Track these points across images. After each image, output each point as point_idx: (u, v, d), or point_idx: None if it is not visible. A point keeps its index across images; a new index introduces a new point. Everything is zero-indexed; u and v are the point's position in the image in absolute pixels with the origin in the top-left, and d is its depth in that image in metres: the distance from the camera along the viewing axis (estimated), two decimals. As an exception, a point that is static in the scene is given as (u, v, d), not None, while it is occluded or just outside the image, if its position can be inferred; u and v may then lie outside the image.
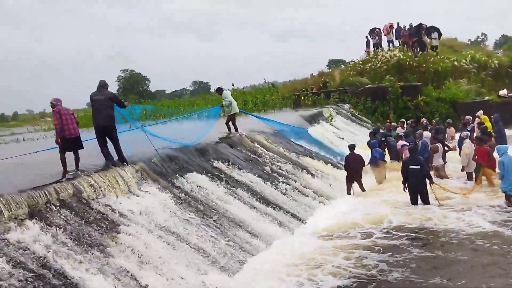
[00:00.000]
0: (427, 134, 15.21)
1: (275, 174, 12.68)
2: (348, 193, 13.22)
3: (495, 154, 11.47)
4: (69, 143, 8.48)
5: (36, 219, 6.56)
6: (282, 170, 13.25)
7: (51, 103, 8.52)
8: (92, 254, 6.55)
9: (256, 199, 10.73)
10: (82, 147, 8.72)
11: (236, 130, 14.54)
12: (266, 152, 14.20)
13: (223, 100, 14.34)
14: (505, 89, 26.88)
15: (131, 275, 6.58)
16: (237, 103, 23.14)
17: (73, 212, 7.16)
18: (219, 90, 14.91)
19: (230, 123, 14.51)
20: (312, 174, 14.02)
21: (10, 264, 5.55)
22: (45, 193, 7.08)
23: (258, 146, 14.44)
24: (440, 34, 29.18)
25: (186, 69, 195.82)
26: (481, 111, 17.96)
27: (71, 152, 8.59)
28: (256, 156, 13.47)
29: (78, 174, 8.21)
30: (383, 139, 16.45)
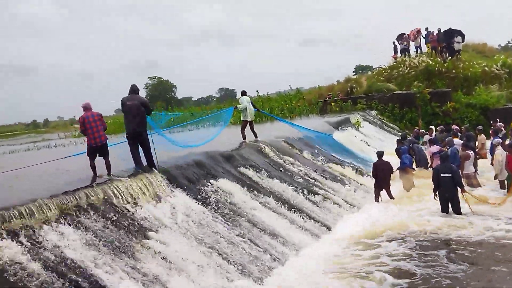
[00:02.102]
0: (457, 141, 14.91)
1: (301, 181, 12.61)
2: (376, 200, 13.03)
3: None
4: (95, 150, 8.57)
5: (67, 223, 6.69)
6: (309, 177, 13.18)
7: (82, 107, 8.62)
8: (122, 259, 6.63)
9: (283, 206, 10.69)
10: (107, 153, 8.74)
11: (256, 136, 14.50)
12: (292, 158, 14.15)
13: (239, 104, 14.40)
14: (537, 95, 26.20)
15: (160, 280, 6.63)
16: (263, 110, 23.30)
17: (103, 217, 7.26)
18: (243, 93, 15.00)
19: (246, 131, 14.39)
20: (339, 181, 13.89)
21: (42, 266, 5.68)
22: (75, 197, 7.22)
23: (285, 152, 14.40)
24: (463, 38, 28.61)
25: (212, 76, 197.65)
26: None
27: (102, 158, 8.69)
28: (282, 162, 13.43)
29: (109, 179, 8.33)
30: (410, 145, 16.22)
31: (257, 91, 33.42)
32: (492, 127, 18.05)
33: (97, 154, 8.64)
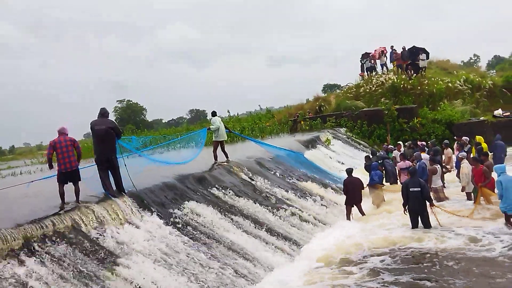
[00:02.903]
0: (425, 156, 15.23)
1: (273, 200, 12.61)
2: (348, 218, 13.11)
3: (494, 174, 11.47)
4: (66, 176, 8.41)
5: (32, 252, 6.51)
6: (281, 196, 13.19)
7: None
8: (90, 286, 6.47)
9: (256, 226, 10.65)
10: (79, 180, 8.61)
11: (227, 157, 14.48)
12: (264, 178, 14.16)
13: (211, 124, 14.38)
14: (499, 109, 27.04)
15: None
16: (234, 130, 23.32)
17: (71, 245, 7.09)
18: (213, 114, 14.93)
19: (218, 151, 14.35)
20: (311, 199, 13.95)
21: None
22: (41, 226, 7.04)
23: (256, 172, 14.40)
24: (427, 55, 29.50)
25: (181, 97, 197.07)
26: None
27: (72, 183, 8.51)
28: (254, 182, 13.42)
29: (77, 206, 8.16)
30: (379, 161, 16.46)
31: (228, 111, 33.58)
32: (457, 141, 18.51)
33: (67, 181, 8.46)
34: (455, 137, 19.92)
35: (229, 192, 11.77)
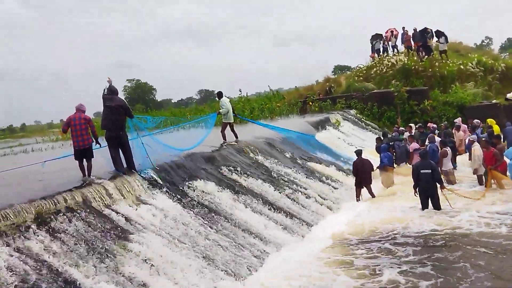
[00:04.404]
0: (437, 138, 15.13)
1: (283, 181, 12.63)
2: (358, 199, 13.13)
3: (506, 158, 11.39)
4: (79, 153, 8.53)
5: (44, 226, 6.58)
6: (290, 177, 13.20)
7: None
8: (103, 262, 6.54)
9: (265, 206, 10.69)
10: (91, 157, 8.69)
11: (236, 137, 14.41)
12: (274, 158, 14.16)
13: (220, 108, 14.23)
14: (512, 92, 26.71)
15: (142, 283, 6.55)
16: (243, 111, 23.24)
17: (82, 220, 7.15)
18: (219, 95, 14.67)
19: (227, 131, 14.24)
20: (320, 180, 13.95)
21: (18, 272, 5.56)
22: (53, 201, 7.09)
23: (266, 152, 14.40)
24: (447, 39, 29.03)
25: (190, 77, 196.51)
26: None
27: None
28: (263, 162, 13.42)
29: (88, 182, 8.23)
30: (390, 143, 16.39)
31: (240, 91, 33.34)
32: (469, 124, 18.36)
33: (81, 157, 8.59)
34: (468, 120, 19.70)
35: (239, 172, 11.78)
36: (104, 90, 9.07)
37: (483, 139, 13.37)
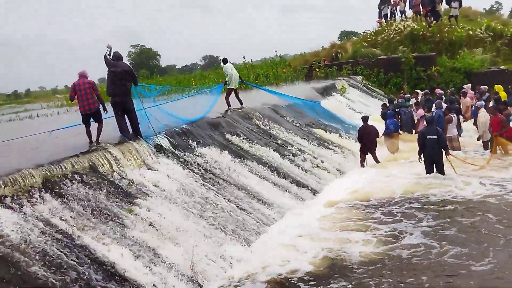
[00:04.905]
0: (444, 104, 15.01)
1: (288, 147, 12.65)
2: (362, 165, 13.17)
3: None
4: (87, 116, 8.61)
5: (51, 191, 6.67)
6: (296, 143, 13.21)
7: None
8: (110, 226, 6.65)
9: (271, 172, 10.75)
10: (101, 120, 8.78)
11: (241, 103, 14.36)
12: (279, 125, 14.15)
13: (225, 75, 14.14)
14: (521, 58, 26.31)
15: (150, 247, 6.67)
16: (248, 77, 23.06)
17: (89, 185, 7.23)
18: (224, 61, 14.65)
19: (232, 98, 14.19)
20: (325, 147, 13.97)
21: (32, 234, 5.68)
22: (60, 166, 7.17)
23: (271, 119, 14.38)
24: (461, 3, 28.33)
25: (195, 43, 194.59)
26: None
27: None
28: (269, 129, 13.43)
29: (95, 148, 8.30)
30: (396, 110, 16.31)
31: (243, 57, 32.95)
32: (476, 90, 18.19)
33: (91, 120, 8.70)
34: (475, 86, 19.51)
35: (244, 138, 11.80)
36: (106, 54, 9.03)
37: (490, 105, 13.29)
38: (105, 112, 8.89)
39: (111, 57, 9.04)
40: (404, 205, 9.43)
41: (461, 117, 15.24)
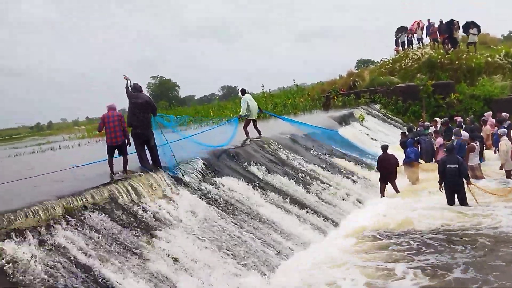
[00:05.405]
0: (464, 133, 14.82)
1: (307, 177, 12.60)
2: (382, 195, 13.01)
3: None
4: (112, 148, 8.82)
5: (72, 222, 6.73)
6: (315, 172, 13.16)
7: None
8: (129, 259, 6.66)
9: (290, 203, 10.69)
10: (126, 153, 8.93)
11: (259, 133, 14.38)
12: (298, 154, 14.13)
13: (241, 108, 14.18)
14: (541, 84, 25.99)
15: (168, 280, 6.64)
16: (266, 107, 23.16)
17: (109, 217, 7.28)
18: (243, 92, 14.70)
19: (250, 128, 14.23)
20: (346, 176, 13.86)
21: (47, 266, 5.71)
22: (81, 198, 7.25)
23: (290, 148, 14.38)
24: (479, 30, 28.28)
25: (212, 74, 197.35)
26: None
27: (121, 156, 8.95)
28: (287, 158, 13.41)
29: (117, 179, 8.38)
30: (416, 138, 16.18)
31: (262, 86, 33.06)
32: (496, 117, 17.97)
33: (116, 152, 8.90)
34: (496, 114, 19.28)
35: (263, 168, 11.80)
36: (127, 86, 9.19)
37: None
38: (129, 145, 9.02)
39: (131, 89, 9.21)
40: (427, 235, 9.25)
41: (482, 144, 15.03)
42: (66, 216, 6.77)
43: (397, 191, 13.06)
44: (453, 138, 14.39)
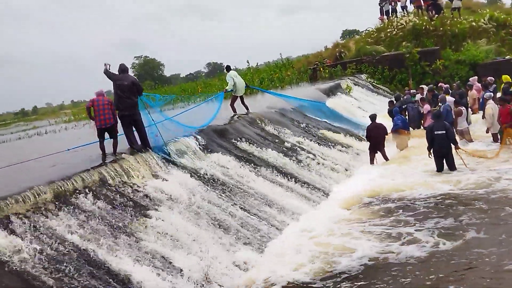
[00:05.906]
0: (449, 98, 14.90)
1: (297, 149, 12.63)
2: (372, 163, 13.13)
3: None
4: (103, 131, 8.79)
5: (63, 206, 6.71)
6: (304, 145, 13.19)
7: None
8: (123, 238, 6.67)
9: (280, 175, 10.74)
10: (116, 135, 8.91)
11: (247, 109, 14.36)
12: (286, 128, 14.13)
13: (226, 82, 14.15)
14: (526, 47, 26.08)
15: (163, 257, 6.68)
16: (253, 82, 23.03)
17: (101, 198, 7.27)
18: (227, 69, 14.82)
19: (237, 104, 14.21)
20: (334, 147, 13.93)
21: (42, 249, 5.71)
22: (71, 181, 7.22)
23: (278, 122, 14.37)
24: None
25: (198, 51, 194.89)
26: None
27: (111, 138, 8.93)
28: (276, 132, 13.42)
29: (107, 161, 8.35)
30: (403, 106, 16.25)
31: (247, 61, 32.96)
32: (482, 82, 18.05)
33: (106, 135, 8.89)
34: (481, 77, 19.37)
35: (252, 143, 11.80)
36: (107, 69, 9.04)
37: (498, 96, 13.17)
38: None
39: (118, 70, 9.10)
40: (417, 201, 9.37)
41: (469, 109, 15.14)
42: (56, 201, 6.74)
43: (386, 159, 13.19)
44: (439, 104, 14.47)
